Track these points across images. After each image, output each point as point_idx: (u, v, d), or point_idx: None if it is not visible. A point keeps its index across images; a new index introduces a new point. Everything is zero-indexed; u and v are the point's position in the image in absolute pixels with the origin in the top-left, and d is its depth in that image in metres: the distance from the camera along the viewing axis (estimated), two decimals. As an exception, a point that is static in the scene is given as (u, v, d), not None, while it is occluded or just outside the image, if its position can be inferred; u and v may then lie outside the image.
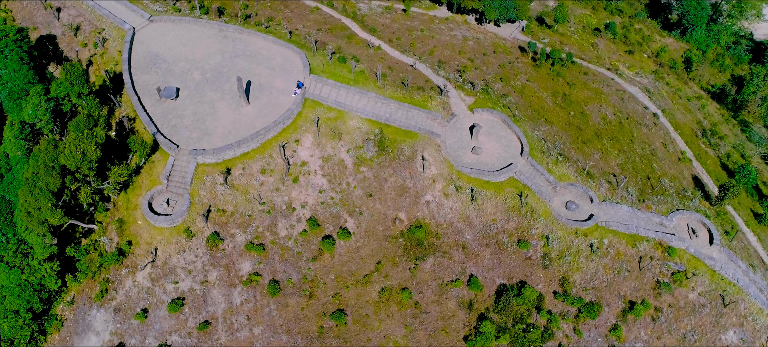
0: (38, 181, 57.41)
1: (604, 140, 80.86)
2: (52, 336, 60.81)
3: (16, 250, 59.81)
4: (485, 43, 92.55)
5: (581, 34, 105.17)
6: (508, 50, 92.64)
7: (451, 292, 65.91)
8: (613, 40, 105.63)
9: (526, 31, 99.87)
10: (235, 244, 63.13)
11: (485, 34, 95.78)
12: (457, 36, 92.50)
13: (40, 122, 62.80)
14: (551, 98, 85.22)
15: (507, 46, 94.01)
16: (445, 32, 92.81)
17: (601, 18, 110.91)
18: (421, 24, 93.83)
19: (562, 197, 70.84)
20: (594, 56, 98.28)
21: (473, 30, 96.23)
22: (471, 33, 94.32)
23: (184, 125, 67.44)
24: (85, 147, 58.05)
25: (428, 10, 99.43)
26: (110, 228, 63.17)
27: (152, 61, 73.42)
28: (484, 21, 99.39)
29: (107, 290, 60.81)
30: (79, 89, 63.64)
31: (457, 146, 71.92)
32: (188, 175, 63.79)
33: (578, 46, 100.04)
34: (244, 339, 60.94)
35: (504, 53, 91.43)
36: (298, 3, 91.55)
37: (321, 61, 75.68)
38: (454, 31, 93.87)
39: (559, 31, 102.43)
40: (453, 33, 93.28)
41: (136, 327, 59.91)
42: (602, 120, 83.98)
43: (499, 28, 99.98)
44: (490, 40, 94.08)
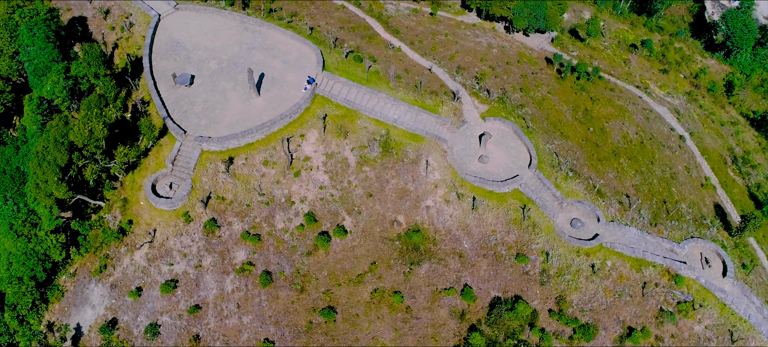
0: (47, 155, 59.77)
1: (622, 159, 78.43)
2: (53, 305, 63.14)
3: (25, 220, 62.38)
4: (510, 52, 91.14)
5: (615, 50, 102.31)
6: (534, 61, 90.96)
7: (444, 300, 65.21)
8: (649, 58, 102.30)
9: (556, 42, 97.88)
10: (231, 232, 64.16)
11: (512, 43, 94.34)
12: (481, 43, 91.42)
13: (57, 98, 65.38)
14: (571, 112, 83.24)
15: (533, 56, 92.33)
16: (469, 38, 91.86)
17: (639, 34, 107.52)
18: (446, 28, 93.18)
19: (567, 213, 69.08)
20: (624, 73, 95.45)
21: (500, 38, 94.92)
22: (497, 41, 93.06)
23: (194, 112, 68.98)
24: (93, 126, 60.11)
25: (456, 16, 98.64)
26: (115, 207, 65.19)
27: (173, 47, 75.39)
28: (512, 30, 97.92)
29: (106, 266, 62.77)
30: (96, 69, 65.90)
31: (464, 153, 71.09)
32: (192, 161, 65.23)
33: (609, 62, 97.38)
34: (233, 326, 61.85)
35: (528, 64, 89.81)
36: (325, 1, 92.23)
37: (336, 58, 76.10)
38: (479, 38, 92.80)
39: (590, 45, 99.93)
40: (478, 40, 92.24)
41: (129, 305, 61.64)
42: (623, 138, 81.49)
43: (528, 37, 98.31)
44: (516, 49, 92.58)
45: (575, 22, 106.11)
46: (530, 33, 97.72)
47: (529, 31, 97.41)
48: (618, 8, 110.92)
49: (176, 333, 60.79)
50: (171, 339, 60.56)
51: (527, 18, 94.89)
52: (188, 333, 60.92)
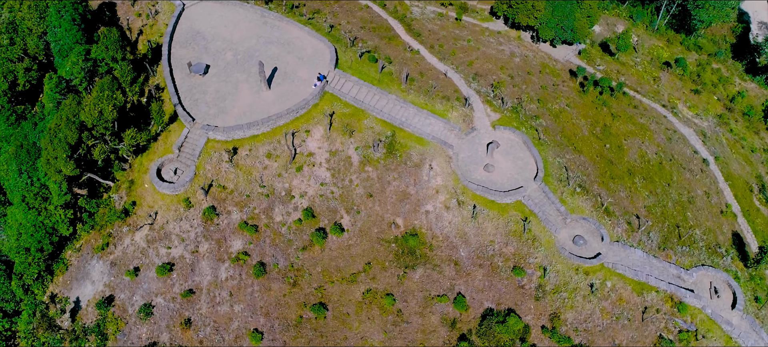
0: (59, 133, 62.08)
1: (636, 179, 76.19)
2: (58, 277, 65.52)
3: (37, 193, 64.92)
4: (533, 61, 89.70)
5: (646, 66, 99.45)
6: (557, 72, 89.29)
7: (436, 307, 64.69)
8: (681, 77, 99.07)
9: (583, 55, 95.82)
10: (229, 221, 65.24)
11: (536, 53, 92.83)
12: (504, 51, 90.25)
13: (75, 79, 67.80)
14: (589, 126, 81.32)
15: (557, 68, 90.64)
16: (492, 45, 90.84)
17: (674, 52, 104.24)
18: (470, 34, 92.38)
19: (570, 230, 67.55)
20: (651, 90, 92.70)
21: (524, 47, 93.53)
22: (521, 50, 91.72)
23: (205, 100, 70.43)
24: (103, 107, 62.11)
25: (482, 22, 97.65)
26: (122, 187, 67.20)
27: (193, 37, 77.18)
28: (538, 40, 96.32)
29: (108, 244, 64.76)
30: (114, 53, 68.10)
31: (469, 161, 70.36)
32: (198, 148, 66.63)
33: (637, 78, 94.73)
34: (224, 313, 62.89)
35: (550, 75, 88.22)
36: (350, 0, 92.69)
37: (350, 57, 76.44)
38: (502, 46, 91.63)
39: (619, 60, 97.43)
40: (501, 47, 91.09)
41: (126, 284, 63.41)
42: (640, 157, 79.14)
43: (555, 49, 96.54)
44: (540, 59, 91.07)
45: (607, 36, 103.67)
46: (557, 44, 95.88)
47: (556, 42, 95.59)
48: (654, 24, 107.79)
49: (169, 315, 62.19)
50: (163, 321, 62.00)
51: (554, 29, 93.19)
52: (180, 317, 62.24)
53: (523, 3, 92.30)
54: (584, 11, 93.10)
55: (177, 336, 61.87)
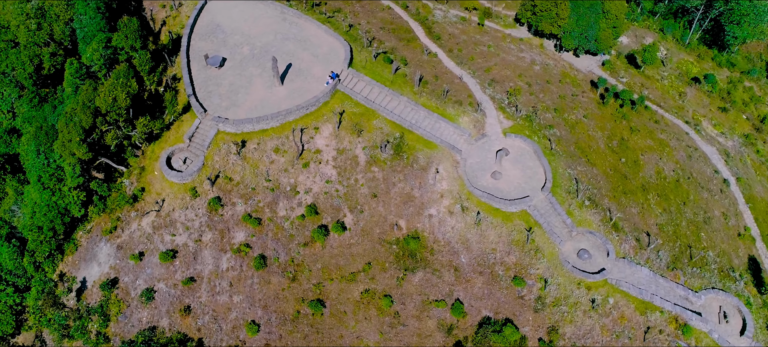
0: (74, 116, 63.98)
1: (650, 195, 74.45)
2: (68, 257, 67.47)
3: (52, 174, 66.94)
4: (553, 70, 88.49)
5: (672, 81, 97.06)
6: (577, 82, 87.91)
7: (433, 311, 64.42)
8: (709, 94, 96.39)
9: (607, 66, 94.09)
10: (234, 212, 66.17)
11: (558, 62, 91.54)
12: (524, 58, 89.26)
13: (94, 66, 69.74)
14: (605, 139, 79.82)
15: (578, 78, 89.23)
16: (513, 52, 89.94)
17: (704, 68, 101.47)
18: (491, 40, 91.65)
19: (576, 243, 66.42)
20: (675, 106, 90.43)
21: (546, 56, 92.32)
22: (542, 58, 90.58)
23: (219, 93, 71.60)
24: (117, 94, 63.77)
25: (505, 28, 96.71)
26: (133, 173, 68.82)
27: (213, 30, 78.55)
28: (561, 49, 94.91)
29: (116, 227, 66.40)
30: (133, 42, 69.82)
31: (477, 167, 69.85)
32: (208, 139, 67.80)
33: (661, 92, 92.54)
34: (223, 303, 63.82)
35: (570, 85, 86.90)
36: (373, 1, 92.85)
37: (365, 57, 76.69)
38: (523, 53, 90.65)
39: (645, 73, 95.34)
40: (522, 55, 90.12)
41: (130, 267, 64.91)
42: (656, 174, 77.30)
43: (578, 58, 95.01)
44: (561, 68, 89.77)
45: (634, 48, 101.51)
46: (580, 54, 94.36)
47: (579, 52, 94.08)
48: (686, 38, 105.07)
49: (169, 301, 63.41)
50: (164, 306, 63.27)
51: (578, 38, 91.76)
52: (180, 303, 63.40)
53: (547, 11, 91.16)
54: (609, 22, 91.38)
55: (176, 322, 63.03)
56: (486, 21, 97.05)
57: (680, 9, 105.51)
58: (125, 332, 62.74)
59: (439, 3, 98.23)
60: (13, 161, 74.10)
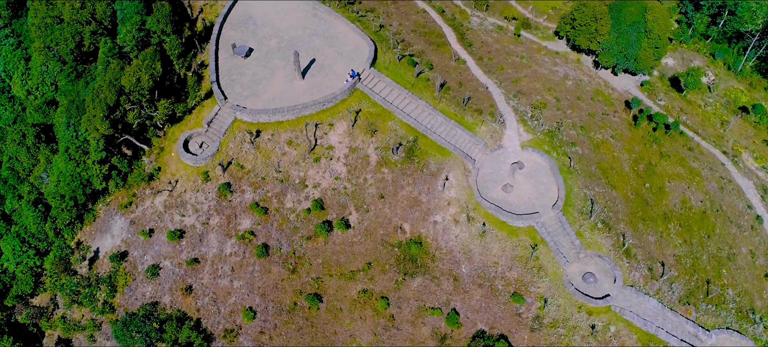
0: (100, 93, 66.89)
1: (672, 225, 71.42)
2: (86, 226, 70.64)
3: (78, 147, 70.25)
4: (587, 87, 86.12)
5: (717, 108, 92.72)
6: (610, 101, 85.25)
7: (429, 319, 63.94)
8: (755, 125, 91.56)
9: (645, 87, 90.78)
10: (242, 200, 67.59)
11: (593, 79, 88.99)
12: (557, 72, 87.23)
13: (127, 46, 72.70)
14: (631, 162, 77.06)
15: (612, 97, 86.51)
16: (546, 65, 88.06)
17: (754, 97, 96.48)
18: (525, 51, 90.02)
19: (582, 265, 64.49)
20: (715, 134, 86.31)
21: (581, 71, 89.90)
22: (576, 73, 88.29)
23: (241, 82, 73.27)
24: (141, 75, 66.28)
25: (543, 40, 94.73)
26: (153, 153, 71.32)
27: (244, 21, 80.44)
28: (600, 66, 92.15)
29: (131, 203, 69.01)
30: (163, 26, 72.37)
31: (488, 178, 68.82)
32: (224, 126, 69.52)
33: (701, 119, 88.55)
34: (223, 287, 65.33)
35: (603, 103, 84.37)
36: (409, 4, 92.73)
37: (389, 58, 76.78)
38: (557, 67, 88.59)
39: (687, 97, 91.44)
40: (555, 68, 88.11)
41: (140, 243, 67.32)
42: (681, 203, 74.08)
43: (616, 77, 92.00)
44: (595, 86, 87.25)
45: (680, 70, 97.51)
46: (619, 72, 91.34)
47: (617, 70, 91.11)
48: (738, 65, 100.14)
49: (173, 279, 65.41)
50: (167, 283, 65.31)
51: (617, 56, 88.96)
52: (183, 282, 65.29)
53: (586, 25, 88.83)
54: (652, 41, 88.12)
55: (177, 300, 64.94)
56: (524, 32, 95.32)
57: (735, 34, 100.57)
58: (129, 304, 65.11)
59: (478, 10, 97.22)
60: (49, 131, 78.05)
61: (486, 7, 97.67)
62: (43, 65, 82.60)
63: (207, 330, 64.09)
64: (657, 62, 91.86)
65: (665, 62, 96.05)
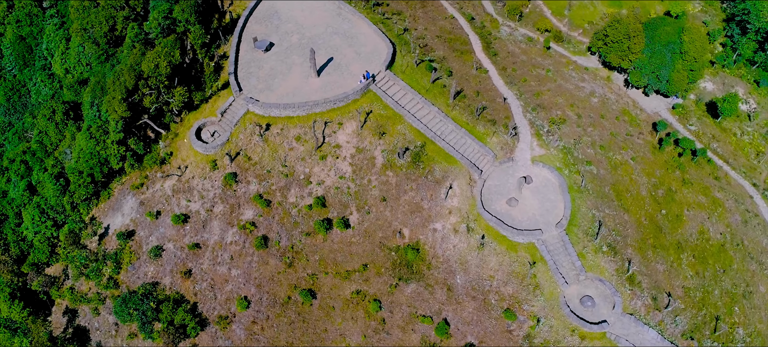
0: (121, 76, 69.34)
1: (684, 255, 68.60)
2: (101, 203, 73.33)
3: (99, 126, 72.99)
4: (613, 105, 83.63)
5: (755, 138, 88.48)
6: (637, 122, 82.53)
7: (419, 326, 63.46)
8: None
9: (677, 110, 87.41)
10: (246, 190, 68.72)
11: (621, 97, 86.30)
12: (583, 88, 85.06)
13: (152, 33, 75.09)
14: (649, 186, 74.37)
15: (639, 117, 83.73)
16: (572, 80, 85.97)
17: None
18: (552, 64, 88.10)
19: (581, 288, 62.68)
20: (746, 165, 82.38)
21: (609, 89, 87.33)
22: (603, 91, 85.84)
23: (258, 75, 74.51)
24: (159, 61, 68.31)
25: (573, 55, 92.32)
26: (168, 137, 73.39)
27: (269, 15, 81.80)
28: (630, 85, 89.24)
29: (143, 184, 71.20)
30: (188, 16, 74.40)
31: (494, 190, 67.73)
32: (236, 117, 70.89)
33: (735, 148, 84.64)
34: (221, 274, 66.62)
35: (628, 123, 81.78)
36: (438, 9, 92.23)
37: (407, 62, 76.58)
38: (584, 83, 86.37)
39: (722, 125, 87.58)
40: (582, 84, 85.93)
41: (146, 223, 69.37)
42: (699, 233, 71.02)
43: (646, 97, 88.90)
44: (622, 105, 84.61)
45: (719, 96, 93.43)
46: (650, 93, 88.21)
47: (648, 91, 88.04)
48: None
49: (174, 262, 67.14)
50: (169, 265, 67.10)
51: (648, 76, 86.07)
52: (183, 266, 66.93)
53: (619, 42, 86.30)
54: (687, 63, 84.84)
55: (177, 282, 66.62)
56: (555, 45, 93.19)
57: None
58: (131, 282, 67.22)
59: (510, 20, 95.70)
60: (78, 109, 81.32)
61: (519, 17, 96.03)
62: (79, 46, 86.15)
63: (202, 314, 65.45)
64: (692, 85, 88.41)
65: (703, 86, 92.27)
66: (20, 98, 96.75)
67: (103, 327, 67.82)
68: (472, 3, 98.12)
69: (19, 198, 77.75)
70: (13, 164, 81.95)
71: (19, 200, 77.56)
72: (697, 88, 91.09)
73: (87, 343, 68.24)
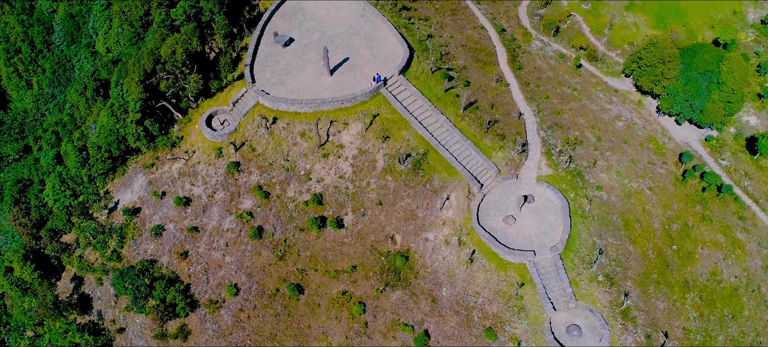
0: (141, 59, 72.07)
1: (690, 295, 65.11)
2: (116, 178, 76.40)
3: (121, 105, 76.11)
4: (638, 131, 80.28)
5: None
6: (662, 151, 78.94)
7: (400, 334, 62.88)
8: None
9: (710, 142, 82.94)
10: (247, 180, 69.97)
11: (650, 124, 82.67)
12: (609, 111, 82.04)
13: (178, 20, 77.65)
14: (664, 219, 70.98)
15: (666, 146, 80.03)
16: (598, 102, 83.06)
17: None
18: (580, 83, 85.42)
19: (570, 316, 60.48)
20: (778, 208, 77.21)
21: (638, 114, 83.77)
22: (631, 115, 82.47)
23: (273, 69, 75.73)
24: (176, 48, 70.56)
25: (605, 75, 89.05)
26: (183, 122, 75.67)
27: (294, 12, 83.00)
28: (662, 111, 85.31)
29: (153, 164, 73.69)
30: (212, 6, 76.56)
31: (492, 206, 66.29)
32: (246, 108, 72.30)
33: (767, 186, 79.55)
34: (215, 259, 68.11)
35: (652, 151, 78.32)
36: (469, 18, 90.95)
37: (422, 68, 75.99)
38: (611, 106, 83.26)
39: (759, 162, 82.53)
40: (608, 106, 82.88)
41: (151, 202, 71.74)
42: (710, 274, 67.23)
43: (678, 126, 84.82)
44: (649, 132, 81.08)
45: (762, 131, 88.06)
46: (682, 122, 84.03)
47: (680, 120, 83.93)
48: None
49: (173, 242, 69.15)
50: (168, 245, 69.15)
51: (681, 104, 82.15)
52: (181, 247, 68.83)
53: (652, 66, 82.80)
54: (724, 94, 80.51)
55: (173, 262, 68.58)
56: (587, 64, 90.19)
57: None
58: (132, 256, 69.68)
59: (544, 35, 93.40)
60: (107, 87, 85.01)
61: (554, 32, 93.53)
62: (119, 27, 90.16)
63: (194, 296, 67.08)
64: (729, 118, 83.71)
65: (746, 120, 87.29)
66: (65, 72, 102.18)
67: (105, 297, 70.54)
68: (507, 15, 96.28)
69: (46, 166, 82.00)
70: (45, 133, 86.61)
71: (46, 168, 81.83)
72: (739, 121, 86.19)
73: (89, 310, 71.11)
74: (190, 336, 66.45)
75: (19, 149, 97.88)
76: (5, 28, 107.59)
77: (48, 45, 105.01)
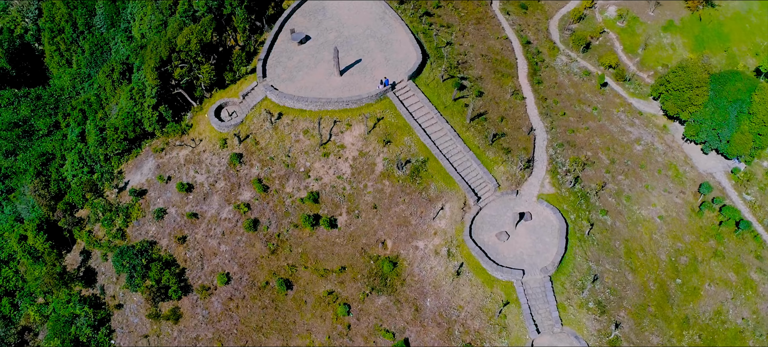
0: (158, 47, 74.17)
1: (688, 333, 62.08)
2: (130, 160, 78.90)
3: (140, 89, 78.58)
4: (658, 157, 77.16)
5: (831, 223, 77.71)
6: (682, 180, 75.67)
7: (380, 340, 62.45)
8: None
9: (735, 174, 78.88)
10: (248, 172, 70.94)
11: (672, 150, 79.31)
12: (629, 133, 79.16)
13: (198, 11, 79.53)
14: (672, 251, 67.95)
15: (686, 175, 76.67)
16: (618, 123, 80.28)
17: None
18: (601, 102, 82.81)
19: (554, 340, 58.63)
20: (803, 251, 72.55)
21: (661, 139, 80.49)
22: (652, 140, 79.36)
23: (285, 65, 76.50)
24: (191, 38, 72.29)
25: (630, 96, 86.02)
26: (195, 110, 77.46)
27: (315, 10, 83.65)
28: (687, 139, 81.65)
29: (163, 149, 75.71)
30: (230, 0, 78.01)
31: (487, 220, 64.98)
32: (254, 102, 73.33)
33: (795, 229, 74.86)
34: (211, 247, 69.39)
35: (670, 179, 75.19)
36: (494, 28, 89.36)
37: (433, 75, 75.24)
38: (632, 128, 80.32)
39: (787, 201, 77.89)
40: (628, 129, 79.97)
41: (157, 186, 73.69)
42: (714, 313, 63.90)
43: (704, 156, 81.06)
44: (670, 159, 77.83)
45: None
46: (708, 151, 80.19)
47: (706, 149, 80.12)
48: None
49: (173, 226, 70.86)
50: (168, 229, 70.91)
51: (707, 132, 78.49)
52: (180, 231, 70.47)
53: (680, 91, 79.45)
54: (754, 126, 76.44)
55: (172, 246, 70.27)
56: (613, 83, 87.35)
57: None
58: (134, 236, 71.81)
59: (573, 50, 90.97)
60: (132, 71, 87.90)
61: (584, 49, 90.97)
62: (151, 14, 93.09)
63: (188, 280, 68.51)
64: (758, 151, 79.22)
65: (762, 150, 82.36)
66: (102, 54, 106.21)
67: (108, 273, 72.91)
68: (536, 27, 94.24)
69: (71, 143, 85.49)
70: (73, 111, 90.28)
71: (70, 144, 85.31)
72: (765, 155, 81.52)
73: (93, 284, 73.67)
74: (182, 319, 67.87)
75: (51, 124, 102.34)
76: (52, 8, 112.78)
77: (89, 27, 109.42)
